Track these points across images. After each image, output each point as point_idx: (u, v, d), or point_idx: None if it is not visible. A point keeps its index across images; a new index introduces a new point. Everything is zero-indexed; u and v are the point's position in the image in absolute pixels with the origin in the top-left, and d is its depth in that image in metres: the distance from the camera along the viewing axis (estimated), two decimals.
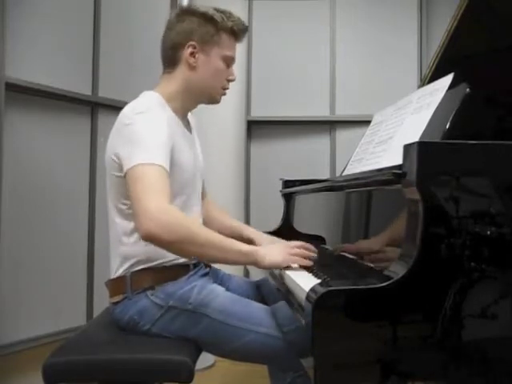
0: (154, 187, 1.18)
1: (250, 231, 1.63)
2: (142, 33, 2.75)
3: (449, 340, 0.87)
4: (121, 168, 1.28)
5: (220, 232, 1.32)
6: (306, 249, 1.35)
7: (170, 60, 1.43)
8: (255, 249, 1.30)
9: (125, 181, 1.25)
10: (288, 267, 1.28)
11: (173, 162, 1.30)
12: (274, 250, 1.31)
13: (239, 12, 3.11)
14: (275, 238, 1.61)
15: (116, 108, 2.51)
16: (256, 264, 1.27)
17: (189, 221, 1.24)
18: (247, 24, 1.47)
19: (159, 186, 1.20)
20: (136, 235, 1.31)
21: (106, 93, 2.53)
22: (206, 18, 1.39)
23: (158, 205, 1.16)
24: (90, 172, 2.49)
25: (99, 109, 2.53)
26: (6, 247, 2.07)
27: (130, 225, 1.33)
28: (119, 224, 1.35)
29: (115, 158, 1.30)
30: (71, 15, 2.39)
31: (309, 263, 1.29)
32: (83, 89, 2.44)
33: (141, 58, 2.72)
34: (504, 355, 0.90)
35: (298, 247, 1.34)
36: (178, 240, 1.17)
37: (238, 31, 1.43)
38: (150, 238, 1.17)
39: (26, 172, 2.20)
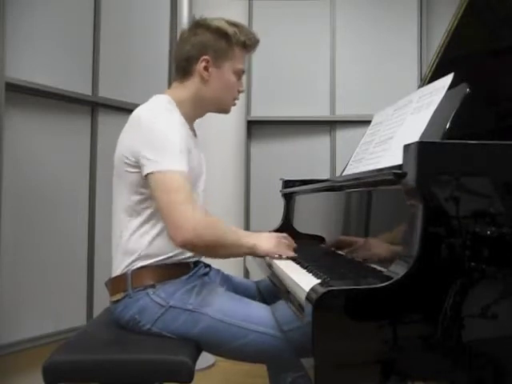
0: (187, 197, 1.26)
1: None
2: (142, 33, 2.75)
3: (449, 340, 0.87)
4: (135, 166, 1.32)
5: None
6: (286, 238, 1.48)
7: (183, 71, 1.46)
8: (253, 242, 1.38)
9: (140, 179, 1.31)
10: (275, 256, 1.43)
11: None
12: (264, 240, 1.41)
13: (239, 12, 3.13)
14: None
15: (116, 108, 2.54)
16: (254, 254, 1.40)
17: (219, 226, 1.33)
18: (258, 37, 1.50)
19: (189, 194, 1.28)
20: (139, 231, 1.35)
21: (105, 93, 2.53)
22: (220, 32, 1.42)
23: (192, 215, 1.25)
24: (90, 172, 2.49)
25: (99, 109, 2.53)
26: (6, 247, 2.07)
27: (135, 221, 1.36)
28: (123, 220, 1.37)
29: (129, 156, 1.32)
30: (71, 15, 2.39)
31: (292, 254, 1.43)
32: (83, 89, 2.44)
33: (141, 59, 2.72)
34: (504, 355, 0.90)
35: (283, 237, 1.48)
36: (210, 245, 1.29)
37: (250, 45, 1.47)
38: (186, 246, 1.27)
39: (26, 172, 2.20)
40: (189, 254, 1.42)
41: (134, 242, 1.35)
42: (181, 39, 1.49)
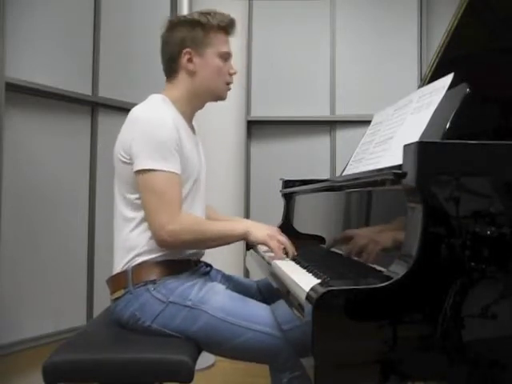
0: (166, 199, 1.31)
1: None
2: (142, 33, 2.74)
3: (449, 340, 0.87)
4: (130, 163, 1.34)
5: None
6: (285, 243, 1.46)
7: (170, 70, 1.49)
8: (245, 229, 1.41)
9: (134, 176, 1.33)
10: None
11: (181, 163, 1.37)
12: (260, 230, 1.43)
13: (239, 12, 3.13)
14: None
15: (116, 108, 2.53)
16: (246, 240, 1.42)
17: (197, 224, 1.38)
18: (232, 16, 1.51)
19: (170, 196, 1.31)
20: (140, 226, 1.37)
21: (105, 93, 2.53)
22: (193, 23, 1.45)
23: (170, 217, 1.30)
24: (89, 172, 2.49)
25: (99, 109, 2.53)
26: (6, 247, 2.07)
27: (135, 218, 1.37)
28: (124, 216, 1.38)
29: (123, 153, 1.36)
30: (71, 15, 2.39)
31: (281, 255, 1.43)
32: (83, 89, 2.43)
33: (141, 59, 2.72)
34: (504, 355, 0.90)
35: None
36: (189, 244, 1.38)
37: (225, 26, 1.48)
38: (164, 246, 1.34)
39: (26, 172, 2.20)
40: (191, 251, 1.44)
41: (135, 238, 1.36)
42: (162, 42, 1.52)
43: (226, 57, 1.49)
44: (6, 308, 2.09)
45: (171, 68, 1.48)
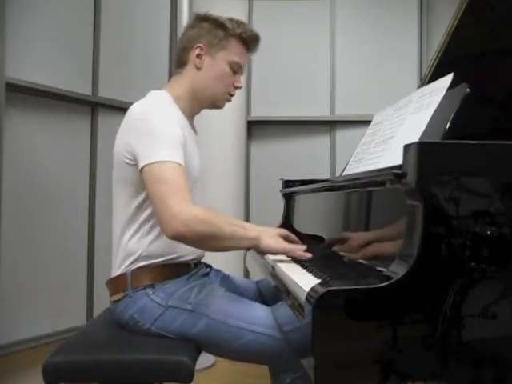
0: (178, 188, 1.23)
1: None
2: (142, 33, 2.75)
3: (449, 340, 0.87)
4: (134, 164, 1.30)
5: None
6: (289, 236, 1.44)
7: (180, 61, 1.47)
8: (257, 233, 1.35)
9: (140, 174, 1.28)
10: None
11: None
12: (270, 239, 1.37)
13: (239, 12, 3.13)
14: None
15: (116, 108, 2.53)
16: (257, 247, 1.34)
17: (212, 217, 1.27)
18: (258, 34, 1.49)
19: (181, 185, 1.24)
20: (140, 231, 1.35)
21: (105, 93, 2.53)
22: (217, 23, 1.44)
23: (183, 206, 1.21)
24: (89, 172, 2.49)
25: (99, 109, 2.53)
26: (5, 247, 2.07)
27: (136, 222, 1.35)
28: (124, 221, 1.37)
29: (127, 154, 1.32)
30: (71, 15, 2.39)
31: (300, 252, 1.36)
32: (83, 89, 2.44)
33: (141, 59, 2.72)
34: (504, 355, 0.90)
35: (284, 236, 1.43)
36: (203, 238, 1.24)
37: (246, 38, 1.46)
38: (177, 238, 1.22)
39: (26, 172, 2.20)
40: (190, 257, 1.42)
41: (135, 243, 1.35)
42: (182, 33, 1.51)
43: (235, 67, 1.47)
44: (5, 308, 2.09)
45: (181, 58, 1.47)
